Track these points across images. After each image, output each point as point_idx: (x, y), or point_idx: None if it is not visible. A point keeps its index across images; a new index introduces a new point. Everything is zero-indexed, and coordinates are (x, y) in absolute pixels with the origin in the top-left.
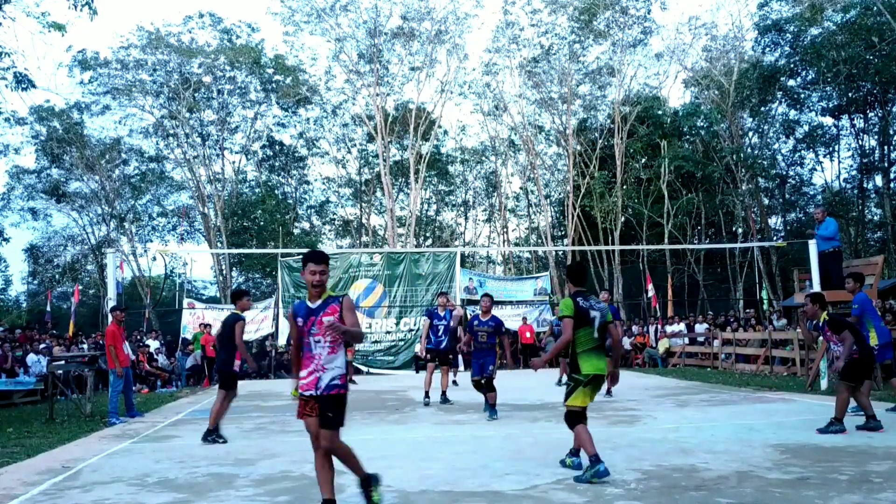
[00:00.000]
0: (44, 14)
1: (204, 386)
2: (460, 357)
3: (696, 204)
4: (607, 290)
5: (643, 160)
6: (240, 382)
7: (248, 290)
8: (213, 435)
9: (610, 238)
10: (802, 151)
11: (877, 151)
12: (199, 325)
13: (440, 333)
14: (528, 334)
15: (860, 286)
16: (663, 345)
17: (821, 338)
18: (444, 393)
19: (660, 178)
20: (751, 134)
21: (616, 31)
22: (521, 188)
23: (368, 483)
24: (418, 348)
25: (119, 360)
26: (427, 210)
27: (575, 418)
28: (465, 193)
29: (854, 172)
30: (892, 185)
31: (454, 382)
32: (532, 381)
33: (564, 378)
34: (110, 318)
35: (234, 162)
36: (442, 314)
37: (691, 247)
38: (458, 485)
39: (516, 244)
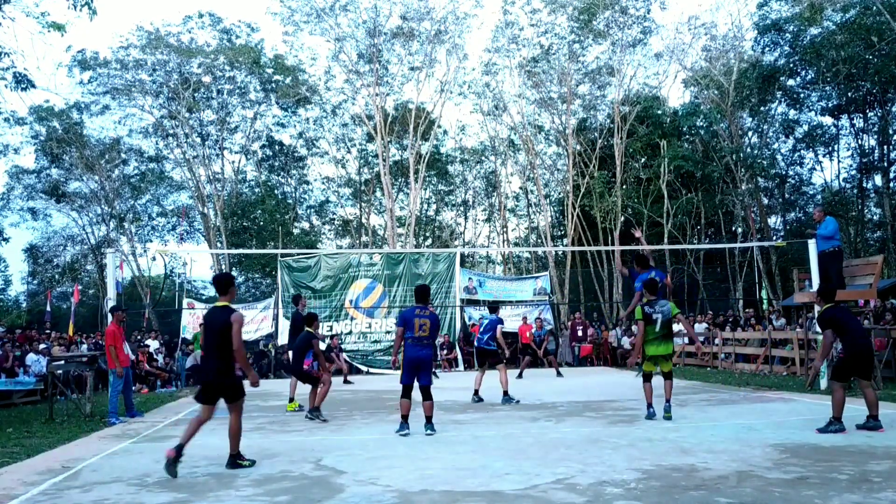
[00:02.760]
0: (43, 14)
1: None
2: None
3: (695, 204)
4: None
5: (643, 160)
6: None
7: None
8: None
9: (609, 238)
10: (802, 151)
11: (876, 151)
12: (200, 324)
13: None
14: (527, 334)
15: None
16: None
17: (820, 336)
18: None
19: (659, 178)
20: (750, 134)
21: (616, 30)
22: (520, 188)
23: None
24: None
25: (119, 360)
26: (427, 210)
27: (646, 378)
28: (465, 193)
29: (853, 172)
30: (891, 184)
31: (435, 375)
32: (528, 381)
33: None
34: (110, 318)
35: (233, 162)
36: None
37: (691, 247)
38: (458, 485)
39: (516, 244)
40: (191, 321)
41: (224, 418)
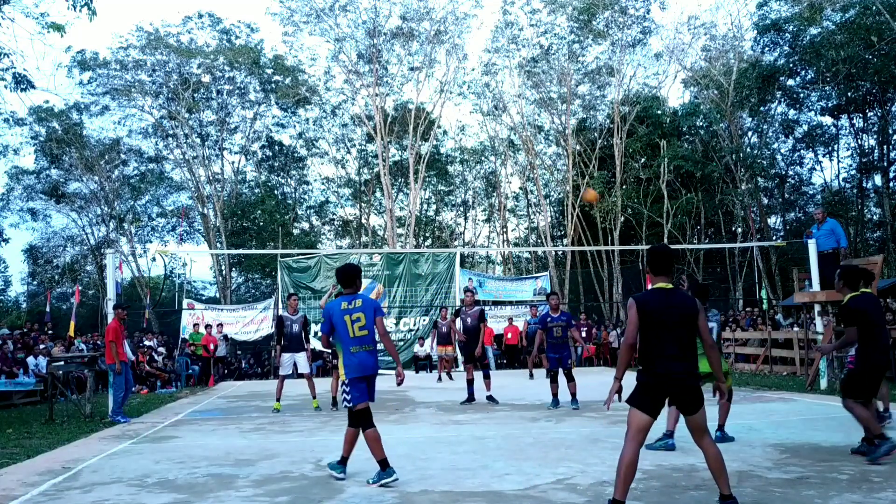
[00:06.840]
0: (43, 15)
1: (209, 385)
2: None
3: (695, 204)
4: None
5: (642, 160)
6: (240, 383)
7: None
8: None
9: (609, 238)
10: (802, 151)
11: (876, 151)
12: (206, 325)
13: None
14: (509, 335)
15: None
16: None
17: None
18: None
19: (659, 178)
20: (750, 133)
21: (615, 30)
22: (520, 188)
23: None
24: (417, 348)
25: (119, 357)
26: (426, 210)
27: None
28: (465, 193)
29: (853, 172)
30: (891, 184)
31: (449, 376)
32: (528, 381)
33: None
34: (110, 317)
35: (233, 162)
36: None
37: (691, 247)
38: (458, 485)
39: (516, 244)
40: (190, 321)
41: (222, 419)
